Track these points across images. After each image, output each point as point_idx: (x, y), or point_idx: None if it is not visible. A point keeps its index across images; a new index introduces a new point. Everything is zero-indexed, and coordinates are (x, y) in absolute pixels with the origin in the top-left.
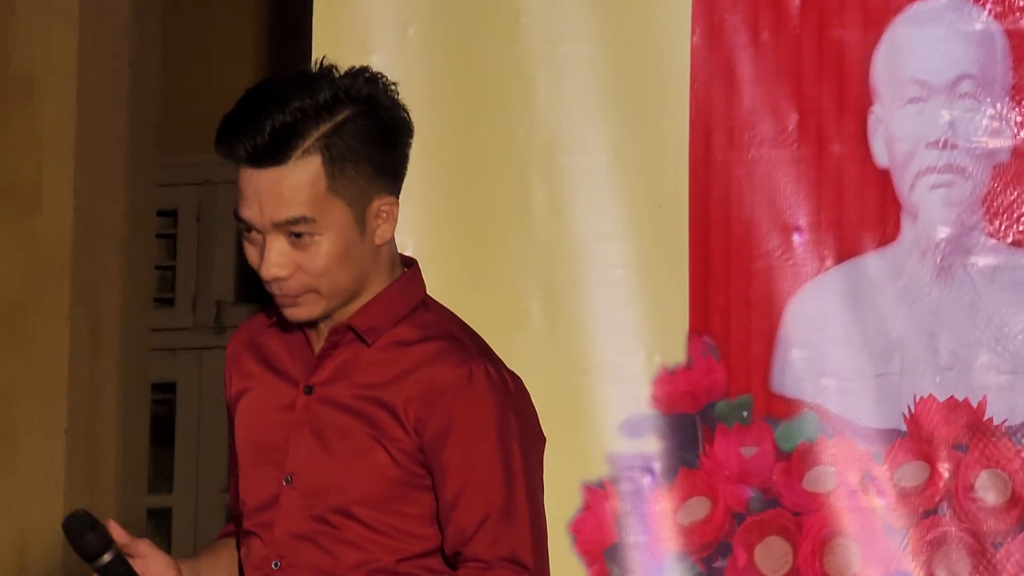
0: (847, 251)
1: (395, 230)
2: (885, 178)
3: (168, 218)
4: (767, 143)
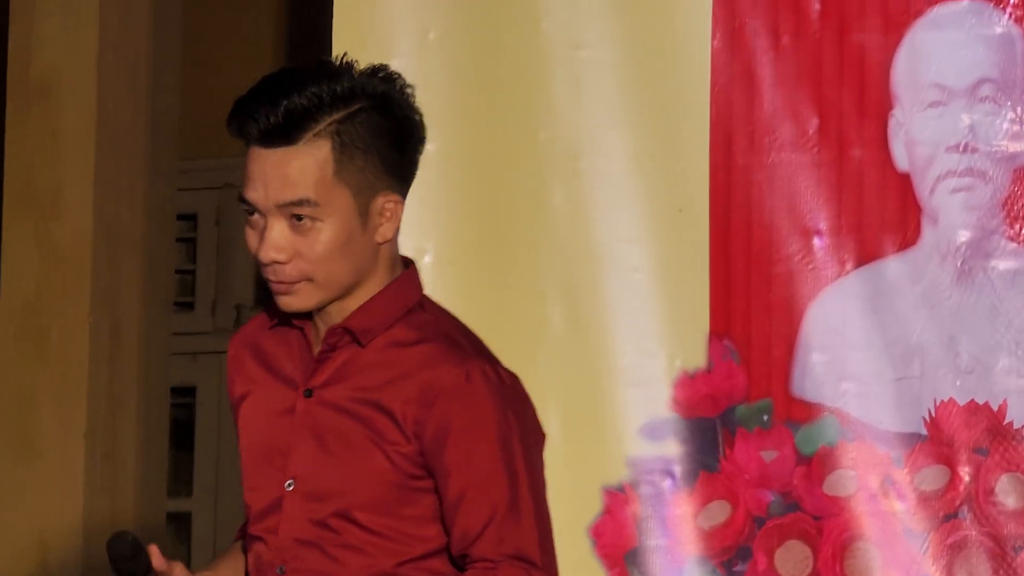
0: (867, 255)
1: (398, 231)
2: (905, 182)
3: (188, 222)
4: (787, 147)
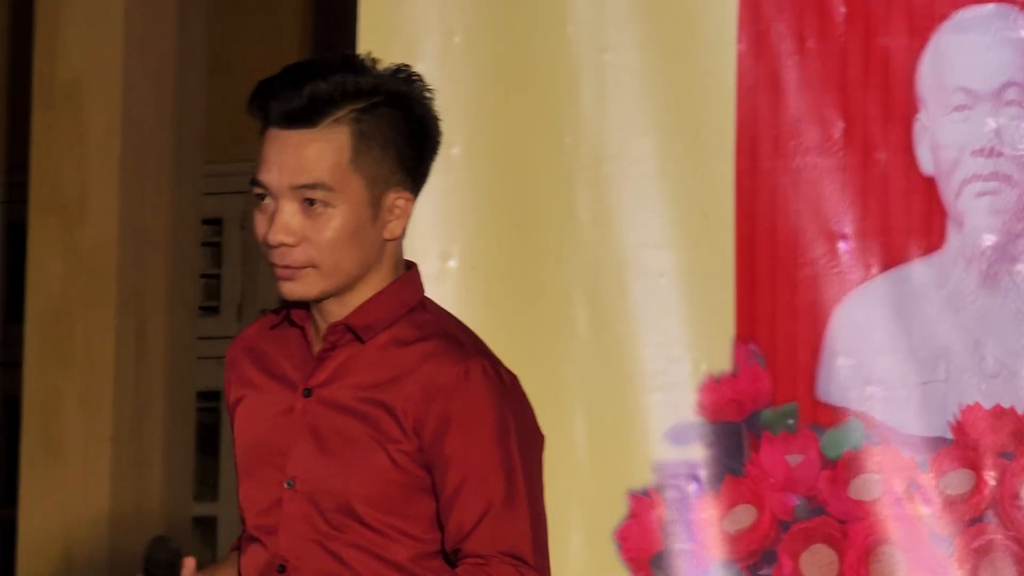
0: (893, 259)
1: (404, 232)
2: (931, 186)
3: (213, 226)
4: (813, 151)
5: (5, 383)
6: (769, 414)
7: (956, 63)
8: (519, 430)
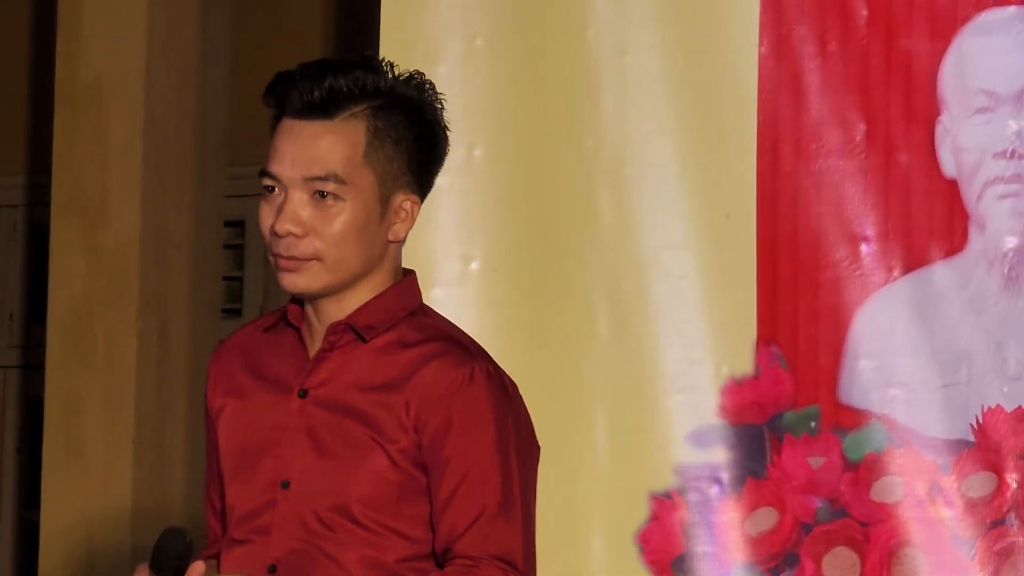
0: (914, 261)
1: (405, 238)
2: (952, 188)
3: (235, 228)
4: (834, 153)
5: (27, 384)
6: (791, 416)
7: (978, 66)
8: (518, 437)
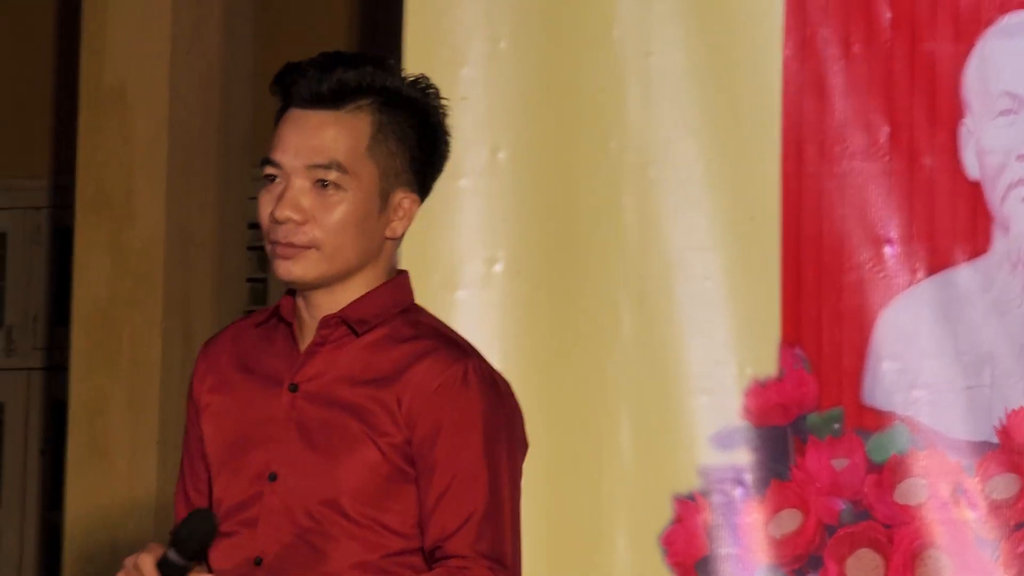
0: (938, 263)
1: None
2: (976, 190)
3: (259, 231)
4: (859, 155)
5: (52, 386)
6: (815, 418)
7: (1002, 68)
8: (509, 436)
